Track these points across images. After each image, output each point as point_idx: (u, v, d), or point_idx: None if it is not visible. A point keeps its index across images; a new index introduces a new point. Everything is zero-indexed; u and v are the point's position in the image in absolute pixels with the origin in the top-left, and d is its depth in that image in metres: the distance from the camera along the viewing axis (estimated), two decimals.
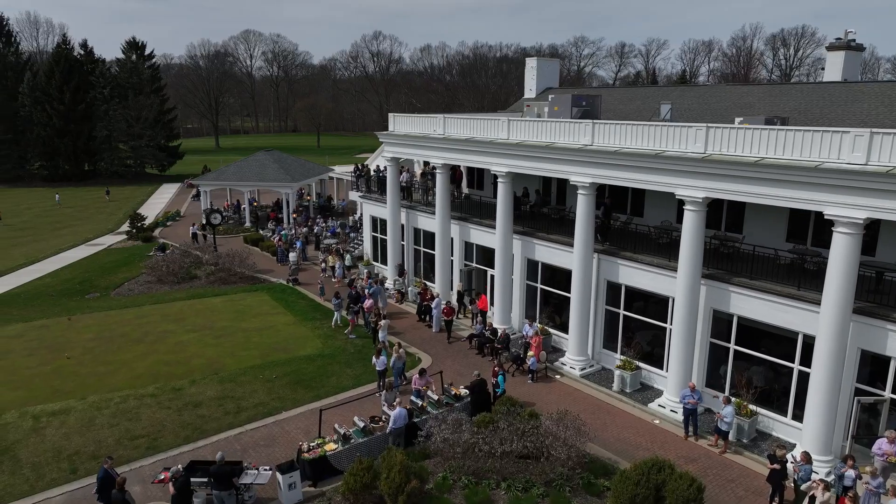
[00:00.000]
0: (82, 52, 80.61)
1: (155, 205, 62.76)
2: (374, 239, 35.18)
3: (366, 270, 33.86)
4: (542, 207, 27.53)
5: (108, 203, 63.11)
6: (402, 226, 31.89)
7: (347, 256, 35.12)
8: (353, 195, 37.54)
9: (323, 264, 35.27)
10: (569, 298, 23.13)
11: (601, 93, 32.83)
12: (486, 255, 27.77)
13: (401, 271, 31.44)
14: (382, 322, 24.15)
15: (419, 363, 23.48)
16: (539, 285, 25.35)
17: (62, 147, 76.63)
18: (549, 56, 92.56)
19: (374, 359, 21.25)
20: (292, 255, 36.26)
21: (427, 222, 30.56)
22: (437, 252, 28.77)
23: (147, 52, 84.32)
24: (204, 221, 36.32)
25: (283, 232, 41.76)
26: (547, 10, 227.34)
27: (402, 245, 32.13)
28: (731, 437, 17.38)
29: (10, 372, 22.51)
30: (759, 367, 18.64)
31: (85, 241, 45.49)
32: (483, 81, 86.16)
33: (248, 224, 48.26)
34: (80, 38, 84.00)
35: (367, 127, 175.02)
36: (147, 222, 49.81)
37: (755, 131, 16.51)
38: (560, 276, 24.36)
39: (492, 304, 26.59)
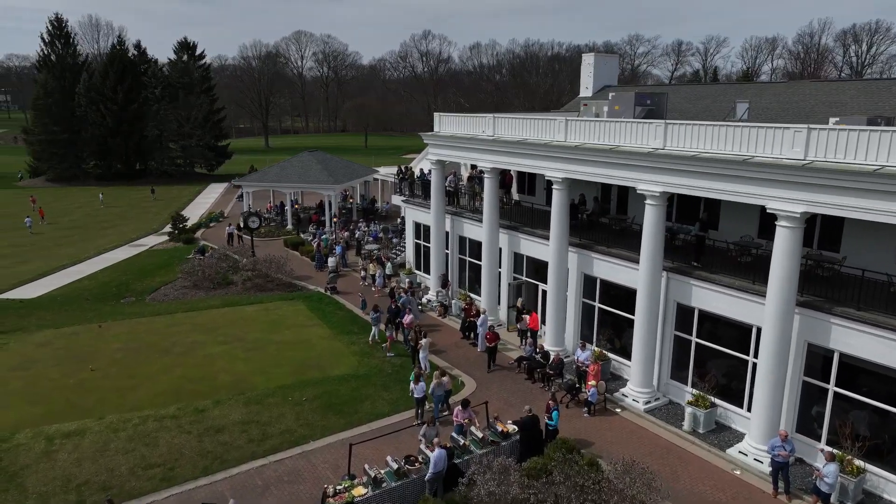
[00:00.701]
0: (136, 53, 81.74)
1: (200, 205, 62.59)
2: (417, 246, 33.18)
3: (407, 280, 31.89)
4: (601, 217, 24.95)
5: (155, 203, 63.28)
6: (447, 233, 29.78)
7: (388, 265, 33.19)
8: (396, 199, 35.65)
9: (363, 272, 33.48)
10: (631, 321, 20.55)
11: (667, 90, 29.95)
12: (538, 269, 25.36)
13: (444, 282, 29.32)
14: (423, 341, 22.06)
15: (462, 387, 21.33)
16: (597, 304, 22.79)
17: (114, 146, 77.76)
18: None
19: (412, 384, 19.18)
20: (331, 261, 34.65)
21: (473, 230, 28.36)
22: (484, 263, 26.52)
23: (198, 52, 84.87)
24: (241, 225, 35.16)
25: (323, 236, 40.24)
26: (599, 8, 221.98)
27: (447, 254, 30.01)
28: (833, 499, 14.54)
29: (32, 384, 21.41)
30: (863, 413, 15.71)
31: (128, 242, 45.13)
32: (534, 80, 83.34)
33: (289, 226, 47.07)
34: (133, 40, 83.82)
35: (415, 127, 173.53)
36: (190, 223, 49.26)
37: (873, 134, 13.66)
38: (622, 295, 21.77)
39: (543, 322, 24.17)
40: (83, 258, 40.60)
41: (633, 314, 20.17)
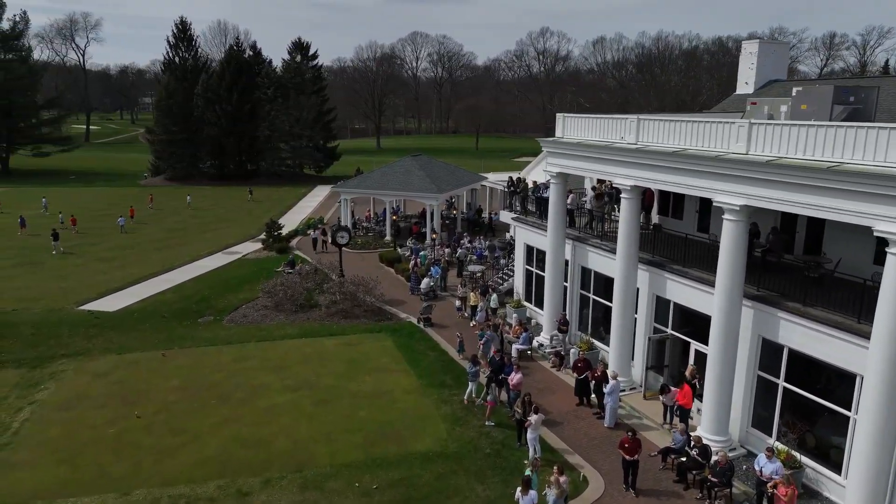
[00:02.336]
0: (251, 54, 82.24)
1: (303, 208, 60.64)
2: (528, 274, 27.65)
3: (514, 315, 26.46)
4: (783, 255, 18.23)
5: (257, 205, 62.09)
6: (567, 262, 24.05)
7: (493, 297, 27.85)
8: (505, 215, 30.30)
9: (460, 302, 28.42)
10: (843, 415, 13.96)
11: (876, 83, 22.38)
12: (691, 321, 19.08)
13: (561, 324, 23.59)
14: (534, 418, 16.57)
15: (584, 486, 15.66)
16: (781, 382, 16.23)
17: (228, 146, 78.48)
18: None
19: (518, 495, 13.79)
20: (425, 283, 30.04)
21: (602, 262, 22.46)
22: (616, 306, 20.54)
23: (311, 52, 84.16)
24: (330, 240, 31.28)
25: (421, 253, 35.67)
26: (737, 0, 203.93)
27: (565, 287, 24.28)
28: None
29: (70, 432, 18.26)
30: None
31: (223, 248, 43.14)
32: (665, 77, 74.76)
33: (387, 237, 43.11)
34: (261, 45, 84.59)
35: (528, 129, 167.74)
36: (287, 229, 46.72)
37: None
38: (822, 374, 15.13)
39: (697, 397, 17.87)
40: (176, 265, 38.78)
41: (854, 407, 13.61)
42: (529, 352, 23.55)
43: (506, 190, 29.96)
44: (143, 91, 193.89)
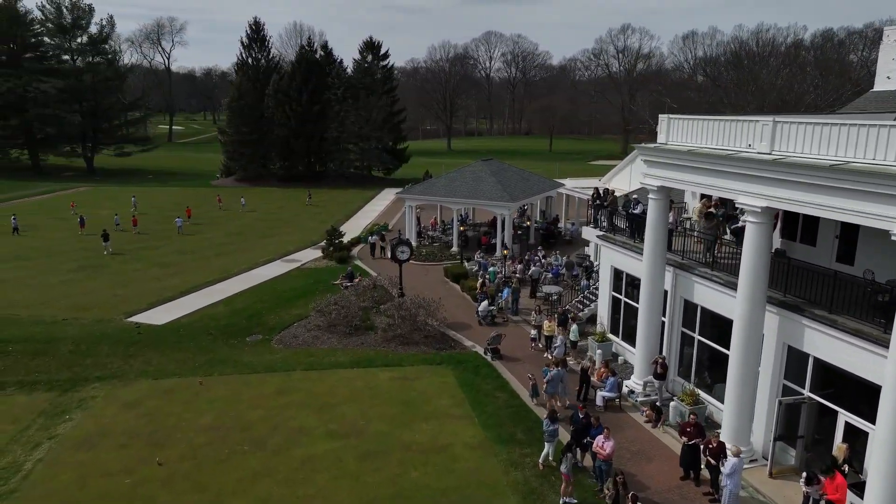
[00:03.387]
0: (322, 54, 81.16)
1: (369, 213, 58.34)
2: (615, 302, 23.66)
3: (598, 352, 22.56)
4: None
5: (322, 209, 60.31)
6: (666, 293, 19.98)
7: (574, 328, 23.96)
8: (588, 232, 26.36)
9: (535, 332, 24.73)
10: None
11: None
12: (839, 382, 14.72)
13: (659, 368, 19.53)
14: None
15: None
16: None
17: (297, 147, 77.62)
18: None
19: None
20: (484, 305, 26.61)
21: (712, 297, 18.29)
22: (735, 357, 16.34)
23: (382, 51, 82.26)
24: (389, 256, 28.25)
25: (490, 269, 32.16)
26: None
27: (663, 323, 20.21)
28: None
29: (79, 480, 15.94)
30: None
31: (283, 256, 41.16)
32: (766, 75, 67.80)
33: (454, 249, 39.85)
34: (335, 48, 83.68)
35: (604, 130, 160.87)
36: (350, 237, 44.34)
37: None
38: None
39: (855, 489, 13.51)
40: (232, 273, 36.98)
41: None
42: (618, 400, 19.65)
43: (590, 203, 26.02)
44: (224, 92, 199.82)
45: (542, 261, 34.17)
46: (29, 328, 26.67)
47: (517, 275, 32.18)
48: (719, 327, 18.04)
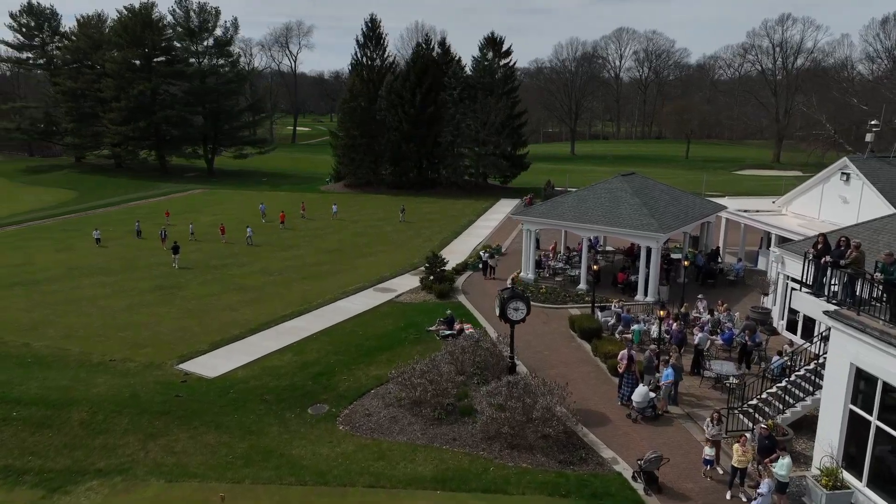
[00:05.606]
0: (440, 52, 75.24)
1: (480, 228, 51.20)
2: (858, 423, 14.69)
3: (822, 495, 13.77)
4: None
5: (430, 223, 54.00)
6: None
7: (784, 462, 14.96)
8: (805, 300, 17.27)
9: (709, 450, 16.20)
10: None
11: None
12: None
13: None
14: None
15: None
16: None
17: (408, 152, 72.28)
18: None
19: None
20: (641, 393, 18.39)
21: None
22: None
23: (504, 48, 74.72)
24: (497, 311, 20.64)
25: (634, 328, 23.79)
26: None
27: None
28: None
29: None
30: None
31: (375, 283, 35.08)
32: None
33: (582, 286, 31.72)
34: (442, 38, 77.69)
35: (751, 134, 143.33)
36: (455, 262, 37.46)
37: None
38: None
39: None
40: (314, 304, 31.35)
41: None
42: None
43: (809, 257, 16.98)
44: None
45: (707, 315, 25.27)
46: (55, 378, 22.10)
47: (670, 337, 23.54)
48: None
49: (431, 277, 33.31)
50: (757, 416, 17.83)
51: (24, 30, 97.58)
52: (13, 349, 25.69)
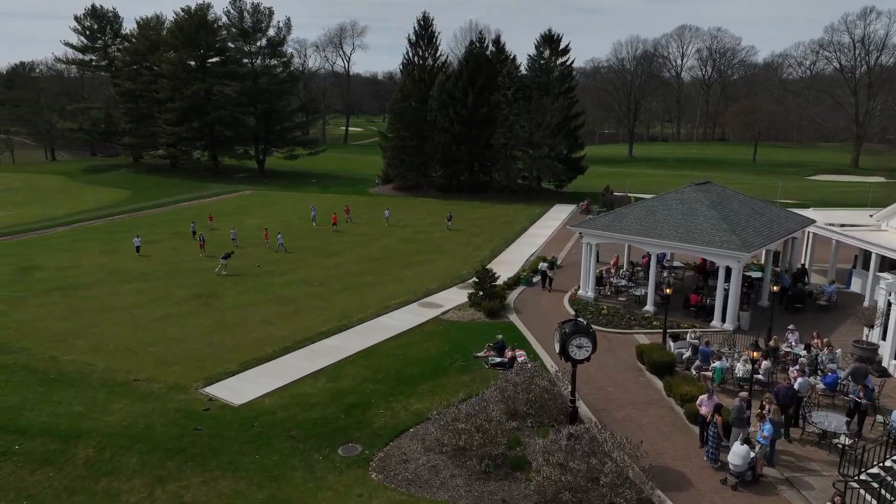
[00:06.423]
0: (494, 50, 72.35)
1: (534, 237, 48.12)
2: None
3: None
4: None
5: (480, 229, 51.23)
6: None
7: None
8: None
9: None
10: None
11: None
12: None
13: None
14: None
15: None
16: None
17: (459, 154, 69.69)
18: None
19: None
20: (738, 454, 15.18)
21: None
22: None
23: (562, 46, 71.17)
24: (556, 346, 17.61)
25: (716, 365, 20.44)
26: None
27: None
28: None
29: None
30: None
31: (420, 297, 32.64)
32: None
33: (649, 307, 28.41)
34: (497, 35, 74.83)
35: (823, 137, 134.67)
36: (507, 275, 34.68)
37: None
38: None
39: None
40: (354, 319, 29.15)
41: None
42: None
43: None
44: None
45: (801, 351, 21.66)
46: (70, 401, 20.45)
47: (761, 375, 20.10)
48: None
49: (481, 293, 30.59)
50: (883, 491, 14.39)
51: (87, 32, 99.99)
52: (39, 363, 24.41)
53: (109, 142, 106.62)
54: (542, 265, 34.34)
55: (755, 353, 18.16)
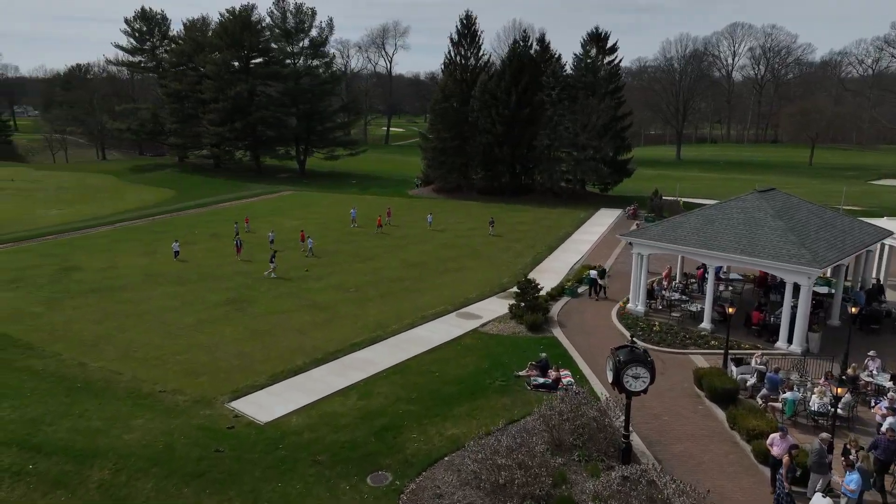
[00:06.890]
0: (538, 49, 70.26)
1: (579, 243, 46.04)
2: None
3: None
4: None
5: (523, 234, 49.40)
6: None
7: None
8: None
9: None
10: None
11: None
12: None
13: None
14: None
15: None
16: None
17: (501, 156, 67.89)
18: None
19: None
20: None
21: None
22: None
23: (609, 44, 68.63)
24: (609, 376, 15.91)
25: (787, 396, 18.30)
26: None
27: None
28: None
29: None
30: None
31: (459, 306, 31.14)
32: None
33: (705, 325, 26.21)
34: (541, 34, 72.80)
35: (886, 139, 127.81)
36: (551, 285, 32.89)
37: None
38: None
39: None
40: (389, 330, 27.88)
41: None
42: None
43: None
44: None
45: (889, 383, 19.27)
46: (92, 415, 19.67)
47: (841, 410, 17.87)
48: None
49: (523, 304, 28.90)
50: None
51: (136, 34, 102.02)
52: (68, 370, 23.88)
53: (156, 142, 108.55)
54: (592, 273, 32.48)
55: (839, 390, 15.96)
